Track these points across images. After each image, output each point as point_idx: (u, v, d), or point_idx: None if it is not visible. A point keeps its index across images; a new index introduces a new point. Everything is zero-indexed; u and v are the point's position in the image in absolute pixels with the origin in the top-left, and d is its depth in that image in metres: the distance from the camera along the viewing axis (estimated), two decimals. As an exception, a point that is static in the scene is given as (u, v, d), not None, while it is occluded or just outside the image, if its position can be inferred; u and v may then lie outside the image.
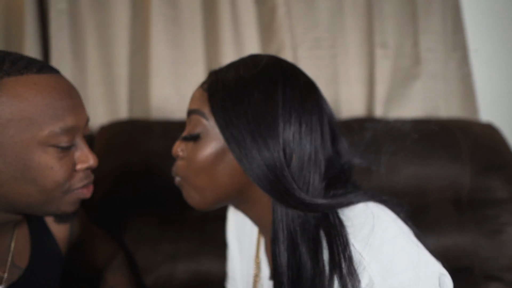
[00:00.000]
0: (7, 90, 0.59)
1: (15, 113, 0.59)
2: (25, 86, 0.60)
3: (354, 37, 1.42)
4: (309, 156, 0.64)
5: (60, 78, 0.65)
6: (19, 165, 0.60)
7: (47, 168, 0.62)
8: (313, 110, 0.65)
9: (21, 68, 0.61)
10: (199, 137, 0.66)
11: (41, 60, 0.64)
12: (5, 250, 0.70)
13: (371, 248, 0.59)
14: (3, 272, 0.68)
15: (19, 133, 0.60)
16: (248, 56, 0.71)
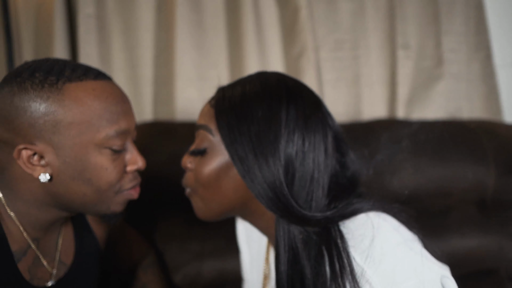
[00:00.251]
0: (69, 94, 0.62)
1: (76, 116, 0.62)
2: (85, 91, 0.63)
3: (376, 39, 1.43)
4: (311, 174, 0.65)
5: (114, 84, 0.69)
6: (77, 165, 0.64)
7: (102, 169, 0.65)
8: (316, 128, 0.66)
9: (80, 75, 0.64)
10: (206, 151, 0.69)
11: (95, 68, 0.68)
12: (53, 247, 0.73)
13: (372, 260, 0.59)
14: (52, 268, 0.72)
15: (79, 135, 0.63)
16: (256, 74, 0.73)
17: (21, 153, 0.62)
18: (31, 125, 0.61)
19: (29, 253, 0.68)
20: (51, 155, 0.63)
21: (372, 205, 0.65)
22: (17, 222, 0.66)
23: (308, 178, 0.65)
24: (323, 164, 0.66)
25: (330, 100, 1.44)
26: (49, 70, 0.63)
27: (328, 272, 0.61)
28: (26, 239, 0.67)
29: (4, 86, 0.63)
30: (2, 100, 0.62)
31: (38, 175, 0.63)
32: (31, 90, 0.61)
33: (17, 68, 0.65)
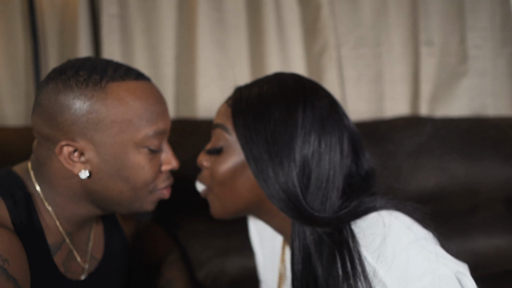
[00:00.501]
0: (112, 93, 0.64)
1: (118, 115, 0.64)
2: (127, 91, 0.64)
3: (399, 36, 1.41)
4: (327, 175, 0.65)
5: (153, 85, 0.70)
6: (116, 163, 0.65)
7: (139, 167, 0.66)
8: (333, 129, 0.66)
9: (122, 74, 0.65)
10: (222, 150, 0.69)
11: (135, 68, 0.69)
12: (85, 242, 0.75)
13: (384, 259, 0.59)
14: (84, 262, 0.73)
15: (120, 133, 0.64)
16: (273, 74, 0.73)
17: (63, 149, 0.63)
18: (74, 122, 0.62)
19: (63, 247, 0.69)
20: (91, 152, 0.64)
21: (384, 204, 0.65)
22: (53, 216, 0.68)
23: (324, 179, 0.65)
24: (339, 165, 0.66)
25: (352, 97, 1.43)
26: (92, 68, 0.64)
27: (340, 273, 0.61)
28: (62, 233, 0.69)
29: (48, 83, 0.64)
30: (47, 97, 0.64)
31: (78, 171, 0.64)
32: (76, 88, 0.62)
33: (61, 66, 0.66)
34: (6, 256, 0.56)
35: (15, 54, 1.47)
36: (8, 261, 0.56)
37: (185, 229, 1.06)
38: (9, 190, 0.64)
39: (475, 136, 1.17)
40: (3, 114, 1.48)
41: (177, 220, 1.07)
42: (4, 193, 0.63)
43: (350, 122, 0.72)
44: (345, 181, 0.68)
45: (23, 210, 0.64)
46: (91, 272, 0.74)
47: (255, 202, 0.69)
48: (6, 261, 0.56)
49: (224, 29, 1.40)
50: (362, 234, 0.62)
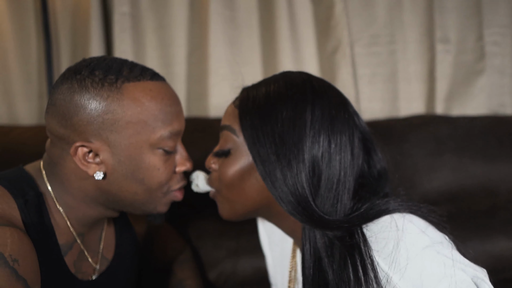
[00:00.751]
0: (127, 94, 0.63)
1: (134, 116, 0.63)
2: (143, 92, 0.64)
3: (414, 33, 1.38)
4: (338, 176, 0.63)
5: (168, 86, 0.69)
6: (131, 164, 0.64)
7: (154, 169, 0.65)
8: (343, 128, 0.64)
9: (137, 75, 0.65)
10: (230, 152, 0.68)
11: (150, 68, 0.68)
12: (97, 243, 0.74)
13: (398, 265, 0.56)
14: (95, 263, 0.73)
15: (135, 135, 0.63)
16: (280, 74, 0.71)
17: (78, 150, 0.62)
18: (90, 122, 0.62)
19: (74, 247, 0.69)
20: (106, 153, 0.63)
21: (398, 206, 0.62)
22: (64, 216, 0.67)
23: (335, 180, 0.63)
24: (350, 166, 0.64)
25: (366, 96, 1.41)
26: (108, 68, 0.63)
27: (352, 278, 0.59)
28: (73, 233, 0.68)
29: (63, 82, 0.64)
30: (62, 97, 0.63)
31: (92, 172, 0.63)
32: (91, 88, 0.62)
33: (76, 65, 0.65)
34: (16, 256, 0.56)
35: (28, 53, 1.48)
36: (18, 261, 0.56)
37: (196, 229, 1.05)
38: (20, 190, 0.63)
39: (494, 135, 1.14)
40: (16, 113, 1.49)
41: (188, 220, 1.06)
42: (15, 192, 0.63)
43: (361, 120, 0.70)
44: (357, 182, 0.66)
45: (34, 210, 0.63)
46: (101, 272, 0.73)
47: (264, 204, 0.68)
48: (16, 261, 0.55)
49: (236, 28, 1.39)
50: (374, 238, 0.60)
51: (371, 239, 0.60)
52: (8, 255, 0.55)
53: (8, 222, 0.58)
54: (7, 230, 0.57)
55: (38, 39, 1.48)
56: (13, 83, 1.49)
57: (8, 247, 0.55)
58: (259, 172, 0.64)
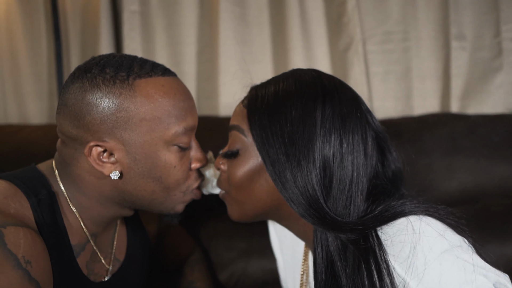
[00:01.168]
0: (140, 91, 0.62)
1: (147, 113, 0.62)
2: (155, 88, 0.63)
3: (428, 29, 1.35)
4: (350, 177, 0.61)
5: (180, 81, 0.68)
6: (147, 163, 0.63)
7: (171, 166, 0.64)
8: (355, 127, 0.62)
9: (149, 71, 0.64)
10: (238, 153, 0.66)
11: (161, 64, 0.67)
12: (109, 244, 0.73)
13: (415, 270, 0.54)
14: (108, 264, 0.72)
15: (149, 132, 0.62)
16: (290, 71, 0.69)
17: (92, 150, 0.61)
18: (103, 121, 0.60)
19: (87, 248, 0.68)
20: (121, 152, 0.62)
21: (414, 208, 0.59)
22: (78, 216, 0.66)
23: (347, 181, 0.61)
24: (363, 166, 0.62)
25: (379, 94, 1.38)
26: (118, 65, 0.62)
27: (366, 284, 0.57)
28: (86, 233, 0.67)
29: (74, 82, 0.63)
30: (73, 96, 0.62)
31: (108, 172, 0.62)
32: (103, 86, 0.61)
33: (85, 64, 0.64)
34: (29, 258, 0.55)
35: (39, 53, 1.49)
36: (31, 263, 0.55)
37: (207, 230, 1.04)
38: (33, 189, 0.62)
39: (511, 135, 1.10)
40: (27, 112, 1.50)
41: (199, 220, 1.05)
42: (28, 191, 0.62)
43: (375, 119, 0.68)
44: (370, 183, 0.63)
45: (47, 210, 0.62)
46: (113, 273, 0.72)
47: (274, 206, 0.66)
48: (29, 263, 0.55)
49: (247, 26, 1.38)
50: (389, 241, 0.57)
51: (386, 243, 0.57)
52: (21, 256, 0.54)
53: (21, 222, 0.57)
54: (20, 230, 0.56)
55: (48, 39, 1.48)
56: (23, 82, 1.49)
57: (21, 248, 0.54)
58: (269, 173, 0.63)
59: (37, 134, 1.15)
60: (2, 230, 0.54)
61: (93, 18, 1.42)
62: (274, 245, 0.87)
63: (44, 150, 1.11)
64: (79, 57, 1.48)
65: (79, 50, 1.48)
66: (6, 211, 0.57)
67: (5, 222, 0.55)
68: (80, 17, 1.46)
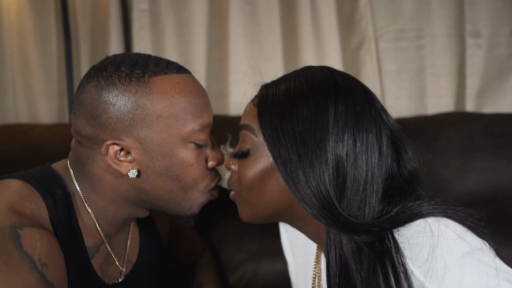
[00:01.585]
0: (156, 88, 0.61)
1: (164, 110, 0.61)
2: (171, 85, 0.62)
3: (442, 27, 1.33)
4: (365, 177, 0.58)
5: (194, 78, 0.67)
6: (164, 161, 0.62)
7: (188, 164, 0.64)
8: (369, 126, 0.59)
9: (164, 68, 0.63)
10: (249, 153, 0.64)
11: (175, 62, 0.67)
12: (123, 245, 0.72)
13: (434, 274, 0.52)
14: (122, 266, 0.71)
15: (166, 129, 0.61)
16: (302, 69, 0.66)
17: (109, 149, 0.61)
18: (119, 119, 0.60)
19: (101, 250, 0.67)
20: (138, 150, 0.61)
21: (431, 209, 0.57)
22: (93, 217, 0.65)
23: (361, 181, 0.58)
24: (378, 166, 0.59)
25: (391, 93, 1.36)
26: (133, 63, 0.62)
27: None
28: (100, 235, 0.67)
29: (89, 81, 0.62)
30: (89, 95, 0.61)
31: (126, 171, 0.61)
32: (119, 84, 0.60)
33: (100, 63, 0.64)
34: (45, 260, 0.54)
35: (49, 53, 1.49)
36: (46, 265, 0.54)
37: (217, 231, 1.03)
38: (49, 189, 0.62)
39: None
40: (37, 111, 1.50)
41: (209, 222, 1.04)
42: (44, 191, 0.61)
43: (390, 117, 0.65)
44: (386, 184, 0.61)
45: (63, 210, 0.62)
46: (125, 275, 0.72)
47: (286, 207, 0.64)
48: (45, 265, 0.54)
49: (257, 24, 1.36)
50: (407, 244, 0.55)
51: (403, 245, 0.55)
52: (37, 258, 0.53)
53: (37, 224, 0.57)
54: (37, 232, 0.55)
55: (58, 38, 1.49)
56: (33, 82, 1.50)
57: (37, 250, 0.53)
58: (280, 174, 0.61)
59: (47, 133, 1.15)
60: (19, 231, 0.53)
61: (102, 17, 1.42)
62: (285, 248, 0.85)
63: (54, 150, 1.11)
64: (88, 56, 1.47)
65: (88, 49, 1.47)
66: (22, 212, 0.57)
67: (21, 224, 0.55)
68: (90, 16, 1.46)
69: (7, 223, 0.54)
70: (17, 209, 0.57)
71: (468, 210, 0.58)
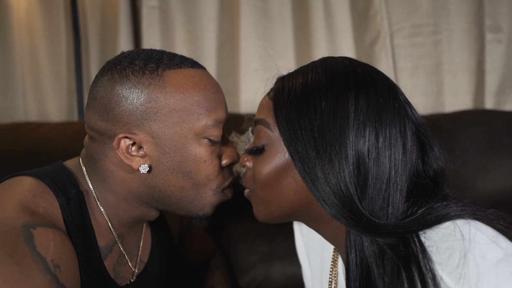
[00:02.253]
0: (170, 81, 0.61)
1: (177, 103, 0.60)
2: (185, 78, 0.61)
3: (460, 21, 1.29)
4: (388, 174, 0.55)
5: (209, 74, 0.66)
6: (177, 156, 0.61)
7: (201, 161, 0.62)
8: (392, 119, 0.56)
9: (178, 62, 0.62)
10: (264, 149, 0.61)
11: (190, 57, 0.66)
12: (136, 246, 0.71)
13: (467, 282, 0.48)
14: (134, 267, 0.69)
15: (180, 123, 0.60)
16: (320, 60, 0.63)
17: (121, 142, 0.60)
18: (132, 112, 0.59)
19: (114, 250, 0.65)
20: (150, 144, 0.60)
21: (460, 211, 0.53)
22: (106, 216, 0.64)
23: (384, 179, 0.54)
24: (402, 163, 0.55)
25: (407, 90, 1.28)
26: (148, 58, 0.62)
27: None
28: (113, 234, 0.65)
29: (103, 75, 0.62)
30: (102, 89, 0.61)
31: (137, 166, 0.60)
32: (132, 76, 0.60)
33: (115, 58, 0.64)
34: (58, 262, 0.53)
35: (58, 51, 1.49)
36: (59, 267, 0.52)
37: (228, 232, 1.00)
38: (62, 187, 0.60)
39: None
40: (46, 110, 1.50)
41: (219, 222, 1.01)
42: (57, 189, 0.59)
43: (415, 110, 0.61)
44: (410, 182, 0.57)
45: (76, 209, 0.60)
46: (137, 275, 0.70)
47: (302, 206, 0.60)
48: (58, 267, 0.52)
49: (269, 20, 1.33)
50: (435, 248, 0.51)
51: (431, 249, 0.51)
52: (50, 260, 0.52)
53: (51, 223, 0.55)
54: (50, 232, 0.54)
55: (67, 37, 1.48)
56: (43, 80, 1.49)
57: (51, 251, 0.52)
58: (297, 170, 0.57)
59: (55, 132, 1.14)
60: (32, 231, 0.52)
61: (112, 14, 1.40)
62: (299, 251, 0.81)
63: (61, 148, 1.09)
64: (98, 54, 1.46)
65: (98, 47, 1.46)
66: (35, 211, 0.55)
67: (34, 223, 0.53)
68: (99, 14, 1.45)
69: (20, 222, 0.52)
70: (30, 207, 0.55)
71: (499, 212, 0.54)
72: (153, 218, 0.68)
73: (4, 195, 0.57)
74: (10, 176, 0.61)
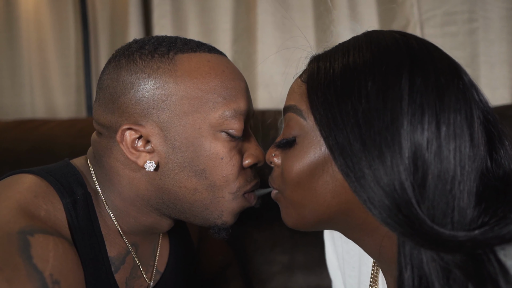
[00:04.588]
0: (181, 65, 0.54)
1: (189, 90, 0.54)
2: (199, 63, 0.55)
3: (498, 8, 1.19)
4: (453, 172, 0.44)
5: (229, 60, 0.61)
6: (188, 151, 0.54)
7: (217, 158, 0.55)
8: (457, 106, 0.45)
9: (193, 47, 0.57)
10: (295, 142, 0.52)
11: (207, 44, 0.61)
12: (151, 257, 0.64)
13: None
14: (149, 279, 0.63)
15: (192, 112, 0.54)
16: (363, 34, 0.53)
17: (125, 134, 0.53)
18: (138, 100, 0.53)
19: (127, 262, 0.59)
20: (158, 138, 0.53)
21: None
22: (115, 222, 0.57)
23: (448, 178, 0.44)
24: (469, 158, 0.45)
25: (439, 84, 1.22)
26: (159, 42, 0.56)
27: None
28: (126, 243, 0.58)
29: (111, 61, 0.57)
30: (109, 77, 0.56)
31: (142, 163, 0.54)
32: (140, 60, 0.54)
33: (127, 44, 0.59)
34: (58, 277, 0.46)
35: (67, 46, 1.46)
36: (59, 283, 0.46)
37: (246, 241, 0.95)
38: (68, 187, 0.54)
39: None
40: (54, 106, 1.47)
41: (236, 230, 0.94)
42: (62, 190, 0.54)
43: (482, 95, 0.50)
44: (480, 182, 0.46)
45: (83, 213, 0.54)
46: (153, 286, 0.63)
47: (342, 211, 0.50)
48: (57, 283, 0.46)
49: (287, 9, 1.27)
50: None
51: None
52: (49, 274, 0.45)
53: (52, 229, 0.49)
54: (51, 240, 0.48)
55: (76, 31, 1.45)
56: (51, 76, 1.47)
57: (50, 264, 0.46)
58: (338, 167, 0.48)
59: (59, 129, 1.09)
60: (29, 238, 0.46)
61: (121, 5, 1.37)
62: (330, 264, 0.71)
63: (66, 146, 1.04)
64: (107, 49, 1.43)
65: (107, 41, 1.44)
66: (35, 214, 0.49)
67: (33, 228, 0.47)
68: (108, 6, 1.42)
69: (15, 227, 0.46)
70: (30, 209, 0.49)
71: None
72: (166, 229, 0.60)
73: (1, 194, 0.50)
74: (10, 173, 0.55)
